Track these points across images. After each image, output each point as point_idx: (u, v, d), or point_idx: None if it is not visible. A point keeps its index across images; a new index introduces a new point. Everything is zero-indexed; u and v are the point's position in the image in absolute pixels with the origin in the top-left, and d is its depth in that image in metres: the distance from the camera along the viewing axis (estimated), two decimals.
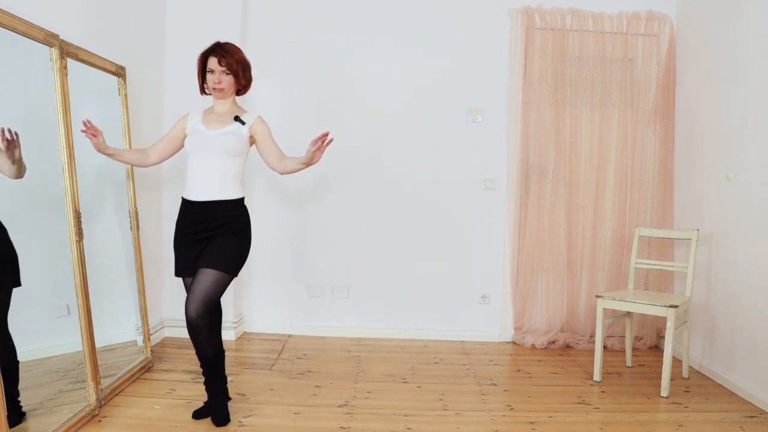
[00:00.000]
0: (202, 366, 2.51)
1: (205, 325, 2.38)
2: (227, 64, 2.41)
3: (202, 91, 2.55)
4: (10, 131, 2.12)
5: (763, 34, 3.01)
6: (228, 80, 2.44)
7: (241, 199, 2.52)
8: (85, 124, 2.33)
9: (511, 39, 3.86)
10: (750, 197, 3.07)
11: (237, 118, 2.48)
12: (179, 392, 2.86)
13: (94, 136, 2.35)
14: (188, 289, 2.51)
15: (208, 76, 2.45)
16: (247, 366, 3.32)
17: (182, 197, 2.52)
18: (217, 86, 2.43)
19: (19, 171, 2.24)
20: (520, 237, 3.92)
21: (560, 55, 3.84)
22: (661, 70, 3.87)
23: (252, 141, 2.54)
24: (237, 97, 2.59)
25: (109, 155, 2.47)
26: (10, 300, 2.19)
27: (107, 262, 3.00)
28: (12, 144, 2.15)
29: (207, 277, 2.36)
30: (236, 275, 2.49)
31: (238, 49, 2.49)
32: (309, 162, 2.38)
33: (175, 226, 2.53)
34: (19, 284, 2.21)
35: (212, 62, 2.42)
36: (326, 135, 2.31)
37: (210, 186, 2.43)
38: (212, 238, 2.43)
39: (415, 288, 3.99)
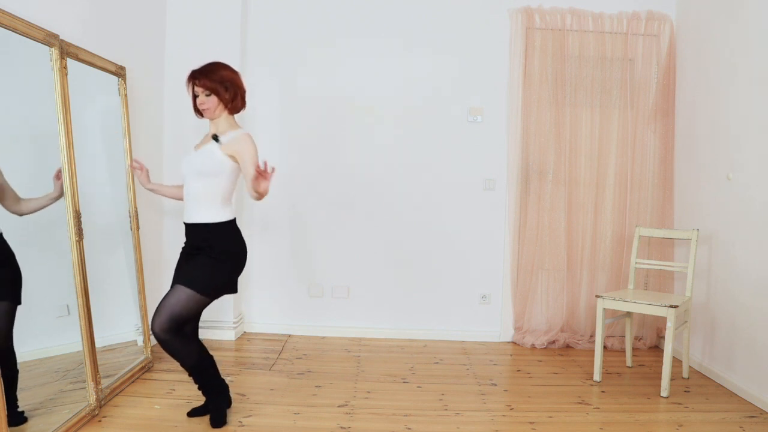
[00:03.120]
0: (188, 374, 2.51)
1: (171, 339, 2.32)
2: (202, 85, 2.39)
3: (198, 113, 2.53)
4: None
5: (763, 33, 3.01)
6: (211, 101, 2.41)
7: (224, 223, 2.42)
8: (135, 161, 2.67)
9: (511, 39, 3.86)
10: (750, 197, 3.07)
11: (215, 137, 2.40)
12: (179, 392, 2.86)
13: (141, 170, 2.61)
14: None
15: (196, 100, 2.45)
16: (247, 366, 3.32)
17: None
18: (202, 107, 2.43)
19: (38, 207, 2.41)
20: (520, 237, 3.92)
21: (560, 55, 3.84)
22: (661, 70, 3.87)
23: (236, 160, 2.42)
24: (236, 115, 2.55)
25: (151, 190, 2.70)
26: (14, 317, 2.20)
27: (107, 262, 3.00)
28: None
29: (176, 292, 2.34)
30: (211, 297, 2.39)
31: (219, 67, 2.42)
32: (257, 190, 2.26)
33: None
34: (19, 302, 2.23)
35: (195, 87, 2.42)
36: (267, 167, 2.22)
37: (191, 208, 2.44)
38: (194, 256, 2.44)
39: (415, 288, 3.99)
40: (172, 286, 2.42)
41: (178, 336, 2.35)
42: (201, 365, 2.47)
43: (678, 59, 3.85)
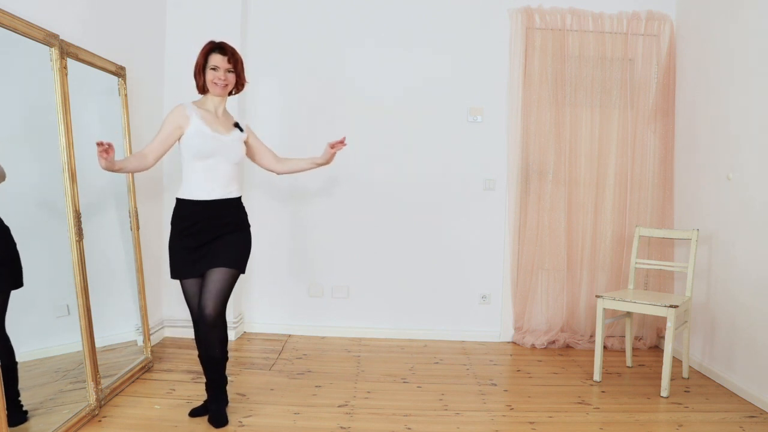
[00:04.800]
0: (205, 367, 2.51)
1: (222, 323, 2.44)
2: (234, 61, 2.46)
3: (202, 89, 2.51)
4: None
5: (763, 33, 3.01)
6: (232, 78, 2.48)
7: (241, 197, 2.59)
8: (100, 144, 2.17)
9: (511, 39, 3.86)
10: (750, 197, 3.07)
11: (237, 125, 2.57)
12: (179, 392, 2.86)
13: (108, 154, 2.19)
14: (188, 290, 2.50)
15: (211, 73, 2.43)
16: (247, 366, 3.32)
17: (180, 198, 2.47)
18: (220, 83, 2.44)
19: None
20: (520, 237, 3.92)
21: (560, 55, 3.84)
22: (661, 70, 3.87)
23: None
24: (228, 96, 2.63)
25: (117, 170, 2.34)
26: (8, 301, 2.19)
27: (107, 262, 3.00)
28: None
29: (221, 275, 2.40)
30: (244, 272, 2.55)
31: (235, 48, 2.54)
32: (326, 162, 2.69)
33: (173, 228, 2.49)
34: (20, 285, 2.21)
35: (217, 59, 2.42)
36: (344, 140, 2.60)
37: (220, 186, 2.46)
38: (219, 237, 2.46)
39: (415, 288, 3.99)
40: (197, 275, 2.44)
41: (224, 320, 2.47)
42: (224, 359, 2.52)
43: (678, 59, 3.85)
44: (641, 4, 3.86)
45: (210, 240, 2.45)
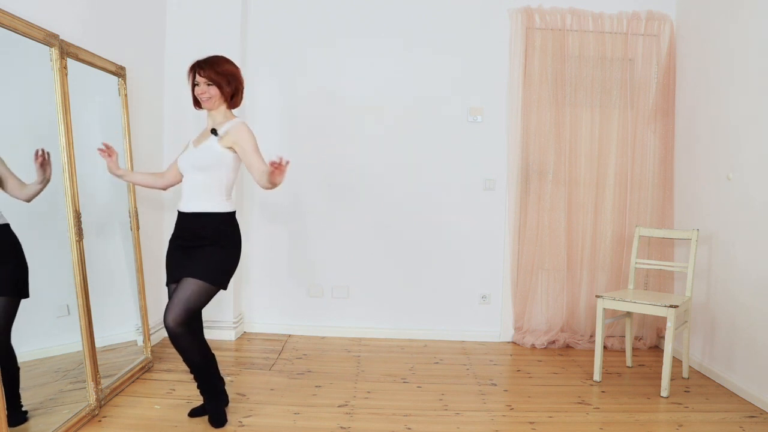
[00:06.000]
0: (192, 372, 2.50)
1: (184, 333, 2.34)
2: (206, 75, 2.41)
3: (196, 104, 2.55)
4: (44, 151, 2.31)
5: (763, 33, 3.01)
6: (212, 90, 2.44)
7: (228, 214, 2.47)
8: (104, 145, 2.55)
9: (511, 39, 3.86)
10: (750, 197, 3.07)
11: (213, 131, 2.45)
12: (179, 392, 2.86)
13: (110, 156, 2.54)
14: (169, 296, 2.48)
15: (196, 89, 2.47)
16: (247, 366, 3.32)
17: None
18: (202, 96, 2.44)
19: (36, 192, 2.36)
20: (520, 237, 3.92)
21: (560, 55, 3.84)
22: (661, 70, 3.87)
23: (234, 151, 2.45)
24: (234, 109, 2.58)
25: (120, 176, 2.64)
26: (16, 311, 2.19)
27: (107, 262, 3.00)
28: (45, 163, 2.32)
29: (189, 285, 2.34)
30: (222, 288, 2.44)
31: (224, 61, 2.47)
32: (273, 182, 2.27)
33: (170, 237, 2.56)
34: (26, 296, 2.23)
35: (197, 75, 2.45)
36: (282, 161, 2.18)
37: (193, 199, 2.44)
38: (197, 248, 2.41)
39: (415, 288, 3.99)
40: (174, 281, 2.44)
41: (189, 330, 2.37)
42: (206, 363, 2.48)
43: (678, 59, 3.85)
44: (641, 4, 3.86)
45: (189, 249, 2.43)
